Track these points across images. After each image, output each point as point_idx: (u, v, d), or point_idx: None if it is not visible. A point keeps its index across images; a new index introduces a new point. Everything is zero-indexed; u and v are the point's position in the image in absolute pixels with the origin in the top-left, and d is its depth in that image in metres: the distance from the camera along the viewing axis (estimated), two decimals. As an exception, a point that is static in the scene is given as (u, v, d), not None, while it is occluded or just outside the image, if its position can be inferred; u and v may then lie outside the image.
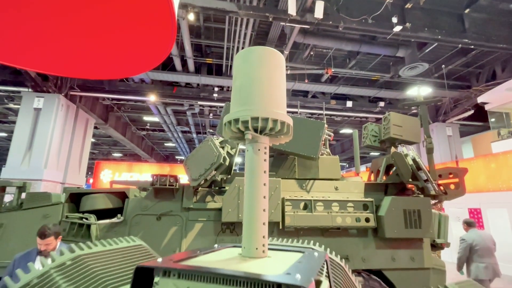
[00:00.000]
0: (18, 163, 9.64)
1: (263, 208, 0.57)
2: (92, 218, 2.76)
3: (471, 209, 8.96)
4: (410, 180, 2.94)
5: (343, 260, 1.13)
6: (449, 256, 9.97)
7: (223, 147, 2.94)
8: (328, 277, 0.65)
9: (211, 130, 16.65)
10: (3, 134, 18.16)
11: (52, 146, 10.14)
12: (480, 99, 11.17)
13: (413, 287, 2.68)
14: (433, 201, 3.48)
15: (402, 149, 3.19)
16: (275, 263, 0.60)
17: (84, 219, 2.76)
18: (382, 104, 13.14)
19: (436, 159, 12.72)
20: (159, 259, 0.62)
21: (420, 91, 3.69)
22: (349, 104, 12.97)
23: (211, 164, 2.73)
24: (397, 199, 2.87)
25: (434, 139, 13.39)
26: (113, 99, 12.72)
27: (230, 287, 0.45)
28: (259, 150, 0.62)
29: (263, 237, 0.59)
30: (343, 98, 12.90)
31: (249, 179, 0.61)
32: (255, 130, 0.62)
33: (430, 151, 3.23)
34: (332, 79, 11.86)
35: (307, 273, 0.48)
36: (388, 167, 3.99)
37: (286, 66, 10.07)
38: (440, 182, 3.59)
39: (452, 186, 3.46)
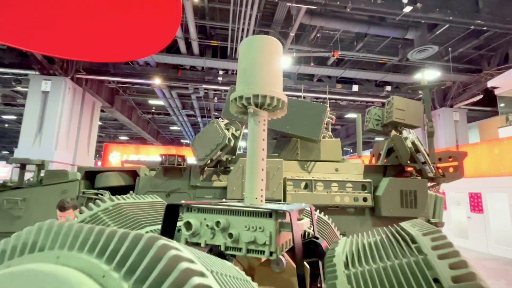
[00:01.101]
0: (30, 145, 9.94)
1: (262, 168, 0.72)
2: (106, 194, 2.96)
3: (472, 193, 9.06)
4: (409, 162, 3.04)
5: (332, 221, 1.26)
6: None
7: (228, 129, 3.05)
8: (312, 222, 0.79)
9: (216, 113, 16.73)
10: (13, 117, 18.51)
11: (61, 129, 10.39)
12: (490, 84, 10.93)
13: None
14: (431, 183, 3.59)
15: (404, 132, 3.27)
16: (269, 206, 0.79)
17: (99, 195, 2.96)
18: (389, 88, 12.96)
19: (441, 144, 12.69)
20: (183, 201, 0.83)
21: (425, 75, 3.69)
22: (355, 88, 12.83)
23: (216, 145, 2.86)
24: (395, 180, 2.99)
25: (440, 124, 13.28)
26: (118, 82, 12.80)
27: (236, 217, 0.60)
28: (259, 122, 0.76)
29: (261, 189, 0.74)
30: (349, 82, 12.75)
31: (251, 145, 0.77)
32: (256, 105, 0.76)
33: (430, 134, 3.29)
34: (338, 63, 11.69)
35: (292, 207, 0.64)
36: (390, 151, 4.08)
37: (292, 49, 9.92)
38: (439, 165, 3.67)
39: (451, 169, 3.54)
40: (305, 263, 0.59)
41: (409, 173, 3.25)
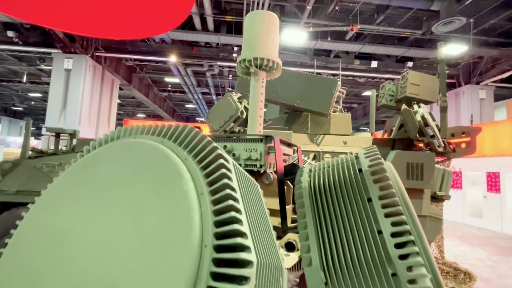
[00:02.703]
0: (55, 121, 10.56)
1: (260, 115, 0.91)
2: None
3: (490, 172, 8.85)
4: (417, 135, 3.07)
5: None
6: (460, 218, 10.11)
7: (241, 102, 3.19)
8: (298, 158, 0.97)
9: (229, 89, 16.76)
10: (38, 95, 19.45)
11: (84, 105, 10.91)
12: (522, 58, 10.19)
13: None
14: (442, 158, 3.61)
15: (414, 106, 3.27)
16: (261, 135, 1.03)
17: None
18: (410, 64, 12.37)
19: (464, 122, 12.19)
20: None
21: (442, 48, 3.56)
22: (374, 64, 12.35)
23: (230, 117, 3.02)
24: (402, 153, 3.05)
25: (464, 102, 12.68)
26: (135, 60, 13.02)
27: (238, 143, 0.79)
28: (258, 80, 0.96)
29: (260, 124, 0.99)
30: (367, 57, 12.26)
31: (252, 97, 0.98)
32: (256, 66, 0.95)
33: (443, 109, 3.27)
34: (357, 37, 11.21)
35: (277, 137, 0.85)
36: (401, 126, 4.08)
37: (308, 23, 9.60)
38: (452, 141, 3.66)
39: (463, 145, 3.53)
40: (288, 182, 0.77)
41: (418, 148, 3.29)
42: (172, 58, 11.41)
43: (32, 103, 22.21)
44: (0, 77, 16.37)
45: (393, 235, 0.47)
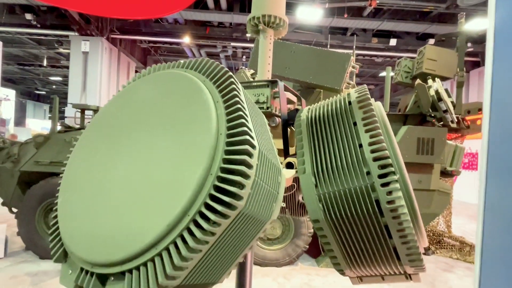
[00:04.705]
0: (77, 102, 11.02)
1: (268, 70, 1.09)
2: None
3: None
4: (430, 110, 3.05)
5: None
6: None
7: (253, 78, 3.25)
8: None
9: (243, 67, 16.71)
10: (59, 79, 20.15)
11: (102, 88, 11.27)
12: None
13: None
14: (455, 135, 3.57)
15: (429, 81, 3.21)
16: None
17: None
18: (431, 41, 11.74)
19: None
20: None
21: (463, 20, 3.41)
22: (392, 42, 11.81)
23: (242, 93, 3.10)
24: (413, 128, 3.05)
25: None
26: (150, 42, 13.13)
27: (247, 90, 0.91)
28: (266, 37, 1.10)
29: (268, 71, 1.13)
30: (386, 35, 11.73)
31: (261, 53, 1.12)
32: (264, 24, 1.07)
33: (460, 84, 3.19)
34: (375, 14, 10.71)
35: (282, 83, 0.99)
36: (416, 103, 4.02)
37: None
38: (468, 117, 3.59)
39: (478, 122, 3.47)
40: (293, 128, 0.88)
41: (430, 123, 3.26)
42: (186, 39, 11.41)
43: (54, 87, 23.07)
44: (22, 61, 17.03)
45: (370, 144, 0.60)
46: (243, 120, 0.50)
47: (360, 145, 0.61)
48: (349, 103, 0.67)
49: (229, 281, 0.69)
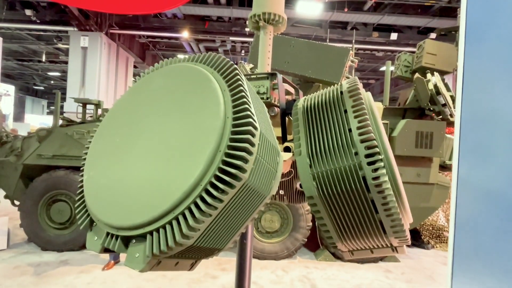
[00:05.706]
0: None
1: (268, 63, 1.14)
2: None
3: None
4: (428, 104, 3.06)
5: None
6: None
7: (253, 72, 3.25)
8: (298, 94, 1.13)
9: (242, 62, 16.63)
10: (57, 74, 20.05)
11: (101, 83, 11.24)
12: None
13: (415, 199, 3.08)
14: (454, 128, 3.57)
15: (428, 75, 3.21)
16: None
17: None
18: (433, 35, 11.65)
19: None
20: None
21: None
22: (393, 36, 11.72)
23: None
24: (412, 121, 3.07)
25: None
26: (148, 36, 13.05)
27: (253, 82, 0.97)
28: (266, 33, 1.14)
29: (268, 64, 1.17)
30: (387, 29, 11.65)
31: (261, 48, 1.16)
32: (265, 21, 1.12)
33: (459, 78, 3.19)
34: (376, 7, 10.62)
35: (280, 76, 1.02)
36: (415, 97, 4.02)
37: (324, -7, 9.16)
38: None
39: (478, 115, 3.47)
40: (291, 117, 0.92)
41: (429, 117, 3.28)
42: (185, 34, 11.34)
43: (52, 82, 22.97)
44: (21, 57, 16.94)
45: (358, 128, 0.68)
46: (246, 106, 0.57)
47: (350, 130, 0.68)
48: (341, 93, 0.74)
49: (230, 272, 0.74)
